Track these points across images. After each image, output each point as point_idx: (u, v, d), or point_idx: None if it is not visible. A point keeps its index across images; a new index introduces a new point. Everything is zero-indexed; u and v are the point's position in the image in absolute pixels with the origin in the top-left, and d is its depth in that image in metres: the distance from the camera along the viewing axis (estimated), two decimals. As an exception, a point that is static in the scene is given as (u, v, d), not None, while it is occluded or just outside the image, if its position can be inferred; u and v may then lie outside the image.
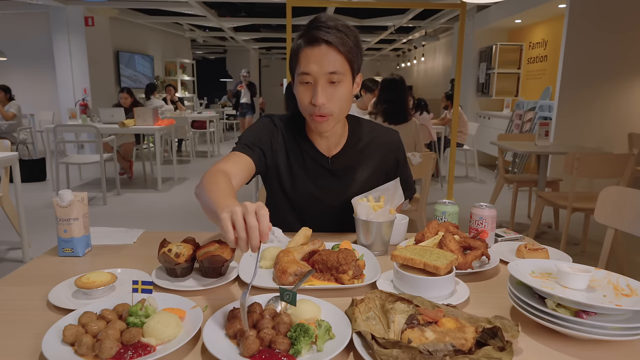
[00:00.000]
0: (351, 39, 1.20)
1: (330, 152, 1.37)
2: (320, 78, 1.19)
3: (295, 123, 1.38)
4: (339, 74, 1.19)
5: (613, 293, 0.81)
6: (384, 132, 1.45)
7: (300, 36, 1.22)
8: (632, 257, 3.44)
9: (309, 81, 1.21)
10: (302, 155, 1.36)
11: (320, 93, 1.19)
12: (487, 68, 7.65)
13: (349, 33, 1.20)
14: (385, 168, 1.43)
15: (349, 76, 1.22)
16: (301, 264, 1.01)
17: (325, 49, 1.17)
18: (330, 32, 1.17)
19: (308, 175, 1.36)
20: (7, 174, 3.34)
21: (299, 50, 1.21)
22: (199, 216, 4.63)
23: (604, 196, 1.68)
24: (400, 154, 1.46)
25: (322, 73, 1.18)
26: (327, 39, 1.17)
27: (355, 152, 1.39)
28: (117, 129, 5.43)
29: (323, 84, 1.20)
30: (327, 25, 1.18)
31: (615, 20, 5.06)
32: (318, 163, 1.36)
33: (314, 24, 1.20)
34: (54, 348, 0.72)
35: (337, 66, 1.18)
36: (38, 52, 8.46)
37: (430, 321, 0.76)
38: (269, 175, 1.39)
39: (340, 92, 1.21)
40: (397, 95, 3.51)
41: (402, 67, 15.85)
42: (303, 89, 1.23)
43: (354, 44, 1.21)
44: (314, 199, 1.38)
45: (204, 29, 11.57)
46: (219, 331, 0.78)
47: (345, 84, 1.22)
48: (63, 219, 1.13)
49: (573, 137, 5.25)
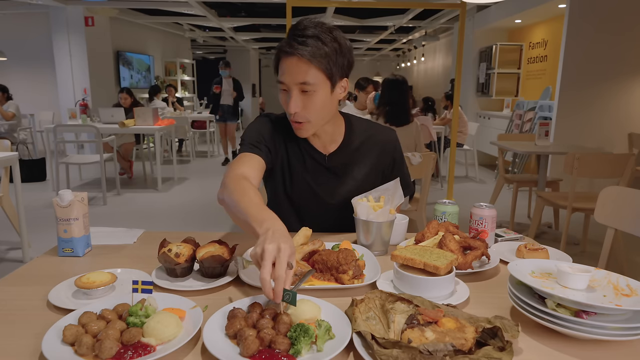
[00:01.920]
0: (329, 46, 1.19)
1: (327, 149, 1.38)
2: (293, 88, 1.21)
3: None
4: (310, 84, 1.19)
5: (613, 293, 0.81)
6: (381, 131, 1.46)
7: (281, 43, 1.23)
8: (632, 257, 3.44)
9: (284, 89, 1.23)
10: (300, 153, 1.37)
11: (292, 102, 1.21)
12: (487, 68, 7.65)
13: (327, 40, 1.18)
14: (381, 166, 1.43)
15: (325, 84, 1.22)
16: (301, 264, 1.01)
17: (296, 61, 1.18)
18: (303, 42, 1.17)
19: (307, 172, 1.38)
20: (7, 174, 3.34)
21: (278, 57, 1.23)
22: (199, 216, 4.63)
23: (604, 196, 1.68)
24: (396, 153, 1.47)
25: (294, 83, 1.20)
26: (298, 51, 1.16)
27: (352, 150, 1.39)
28: (117, 129, 5.43)
29: (296, 93, 1.21)
30: (304, 34, 1.18)
31: (615, 21, 5.06)
32: (316, 161, 1.37)
33: (292, 31, 1.21)
34: (54, 348, 0.72)
35: (307, 77, 1.18)
36: (38, 52, 8.46)
37: (430, 321, 0.76)
38: (271, 173, 1.40)
39: (315, 101, 1.22)
40: (399, 96, 3.48)
41: (402, 67, 15.85)
42: (282, 95, 1.26)
43: (333, 50, 1.19)
44: (313, 196, 1.39)
45: (204, 29, 11.57)
46: (219, 331, 0.78)
47: (319, 93, 1.21)
48: (63, 219, 1.13)
49: (573, 137, 5.25)
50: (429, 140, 5.41)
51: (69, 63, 7.76)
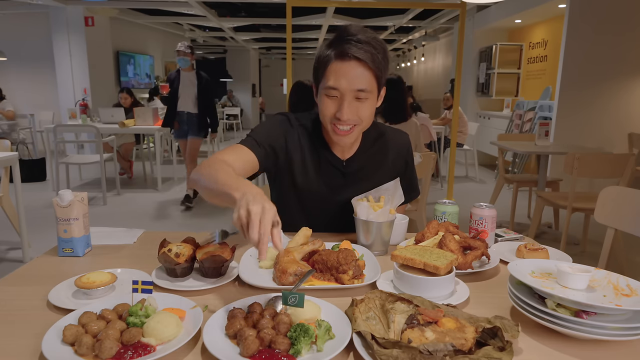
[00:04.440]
0: (380, 53, 1.17)
1: (345, 155, 1.36)
2: (348, 94, 1.17)
3: (311, 125, 1.36)
4: (366, 92, 1.17)
5: (613, 293, 0.81)
6: (395, 134, 1.45)
7: (329, 47, 1.19)
8: (632, 257, 3.44)
9: (335, 95, 1.19)
10: (318, 157, 1.35)
11: (346, 109, 1.18)
12: (487, 68, 7.65)
13: (378, 47, 1.17)
14: (396, 169, 1.43)
15: (375, 92, 1.21)
16: (301, 264, 1.01)
17: (355, 65, 1.15)
18: (361, 48, 1.14)
19: (322, 177, 1.36)
20: (7, 174, 3.34)
21: (328, 62, 1.18)
22: (199, 216, 4.63)
23: (604, 196, 1.68)
24: (409, 156, 1.47)
25: (350, 89, 1.17)
26: (358, 55, 1.14)
27: (368, 155, 1.39)
28: (117, 129, 5.43)
29: (350, 100, 1.18)
30: (359, 40, 1.15)
31: (615, 21, 5.06)
32: (333, 166, 1.36)
33: (344, 36, 1.17)
34: (54, 348, 0.72)
35: (365, 83, 1.16)
36: (38, 52, 8.46)
37: (430, 321, 0.76)
38: (279, 174, 1.37)
39: (366, 108, 1.20)
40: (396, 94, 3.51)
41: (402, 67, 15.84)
42: (328, 101, 1.21)
43: (383, 58, 1.18)
44: (325, 201, 1.37)
45: (204, 29, 11.56)
46: (219, 331, 0.78)
47: (370, 100, 1.21)
48: (63, 219, 1.13)
49: (573, 137, 5.25)
50: (429, 140, 5.41)
51: (69, 63, 7.76)
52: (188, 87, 4.74)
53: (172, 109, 4.79)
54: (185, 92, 4.75)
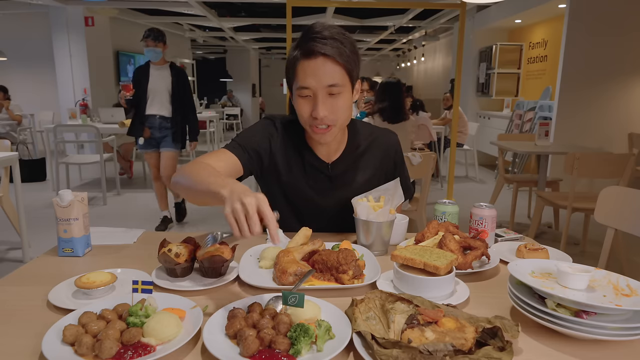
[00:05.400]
0: (348, 47, 1.17)
1: (330, 158, 1.35)
2: (320, 91, 1.17)
3: (295, 129, 1.34)
4: (338, 86, 1.16)
5: (613, 293, 0.81)
6: (383, 134, 1.44)
7: (296, 47, 1.18)
8: (632, 257, 3.44)
9: (308, 94, 1.18)
10: (302, 161, 1.34)
11: (320, 106, 1.17)
12: (487, 68, 7.65)
13: (345, 41, 1.17)
14: (384, 170, 1.42)
15: (349, 86, 1.20)
16: (301, 264, 1.01)
17: (322, 62, 1.14)
18: (326, 43, 1.14)
19: (307, 182, 1.34)
20: (7, 174, 3.34)
21: (296, 62, 1.18)
22: (199, 216, 4.63)
23: (604, 196, 1.68)
24: (398, 156, 1.45)
25: (321, 86, 1.16)
26: (324, 51, 1.13)
27: (355, 157, 1.37)
28: (117, 129, 5.43)
29: (323, 97, 1.17)
30: (323, 36, 1.14)
31: (615, 21, 5.06)
32: (318, 170, 1.34)
33: (308, 34, 1.16)
34: (54, 348, 0.72)
35: (336, 78, 1.16)
36: (38, 52, 8.47)
37: (430, 321, 0.76)
38: (265, 177, 1.37)
39: (341, 103, 1.19)
40: (394, 95, 3.72)
41: (402, 67, 15.84)
42: (303, 102, 1.20)
43: (351, 51, 1.17)
44: (313, 204, 1.36)
45: (204, 29, 11.56)
46: (219, 331, 0.78)
47: (345, 95, 1.19)
48: (63, 219, 1.13)
49: (573, 137, 5.25)
50: (429, 140, 5.42)
51: (69, 63, 7.76)
52: (160, 84, 3.80)
53: (140, 113, 3.81)
54: (156, 91, 3.80)
